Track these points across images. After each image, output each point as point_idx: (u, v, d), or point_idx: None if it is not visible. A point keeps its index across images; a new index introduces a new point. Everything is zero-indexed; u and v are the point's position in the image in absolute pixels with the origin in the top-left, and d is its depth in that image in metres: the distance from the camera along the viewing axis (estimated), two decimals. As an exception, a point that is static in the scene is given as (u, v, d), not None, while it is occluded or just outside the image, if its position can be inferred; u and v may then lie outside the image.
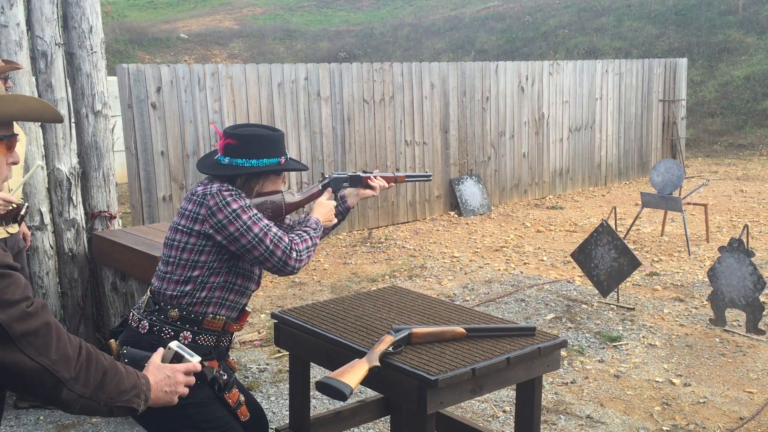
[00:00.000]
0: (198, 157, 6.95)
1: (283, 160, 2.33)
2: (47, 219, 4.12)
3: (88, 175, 4.24)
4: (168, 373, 1.72)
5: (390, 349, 2.29)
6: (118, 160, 5.30)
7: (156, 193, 6.70)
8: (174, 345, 1.81)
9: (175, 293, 2.22)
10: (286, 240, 2.22)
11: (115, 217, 4.34)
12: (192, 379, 1.77)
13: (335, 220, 2.54)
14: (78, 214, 4.20)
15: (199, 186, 2.26)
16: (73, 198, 4.15)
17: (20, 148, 3.60)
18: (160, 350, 1.80)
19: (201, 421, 2.16)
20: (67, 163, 4.12)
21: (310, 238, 2.32)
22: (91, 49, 4.13)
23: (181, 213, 2.25)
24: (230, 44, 21.86)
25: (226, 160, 2.28)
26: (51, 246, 4.16)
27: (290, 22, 24.77)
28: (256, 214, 2.21)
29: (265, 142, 2.29)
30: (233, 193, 2.20)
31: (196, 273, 2.21)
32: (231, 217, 2.16)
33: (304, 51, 21.68)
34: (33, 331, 1.44)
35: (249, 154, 2.26)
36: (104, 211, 4.28)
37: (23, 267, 3.79)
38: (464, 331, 2.43)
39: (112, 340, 2.28)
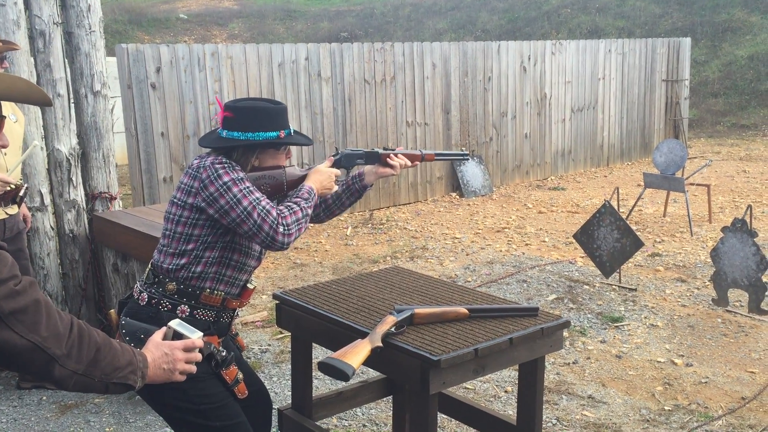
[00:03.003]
0: (198, 137, 6.92)
1: (282, 134, 2.29)
2: (47, 200, 4.10)
3: (88, 155, 4.21)
4: (166, 350, 1.72)
5: (392, 329, 2.28)
6: (118, 141, 5.27)
7: (156, 174, 6.68)
8: (174, 323, 1.80)
9: (171, 266, 2.21)
10: (274, 214, 2.15)
11: (115, 198, 4.32)
12: (195, 356, 1.77)
13: (335, 188, 2.41)
14: (78, 195, 4.18)
15: (195, 159, 2.24)
16: (73, 179, 4.13)
17: (19, 129, 3.56)
18: (163, 329, 1.80)
19: (195, 396, 2.15)
20: (67, 143, 4.09)
21: (301, 209, 2.22)
22: (90, 29, 4.08)
23: (178, 186, 2.25)
24: (230, 24, 21.72)
25: (224, 133, 2.26)
26: (52, 227, 4.15)
27: (290, 2, 24.59)
28: (247, 187, 2.16)
29: (262, 115, 2.25)
30: (226, 165, 2.17)
31: (190, 246, 2.20)
32: (222, 190, 2.13)
33: (304, 31, 21.54)
34: (21, 309, 1.44)
35: (245, 126, 2.22)
36: (104, 192, 4.26)
37: (23, 248, 3.74)
38: (467, 311, 2.42)
39: (112, 311, 2.31)
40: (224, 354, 2.24)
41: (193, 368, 1.76)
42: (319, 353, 4.22)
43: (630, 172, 10.30)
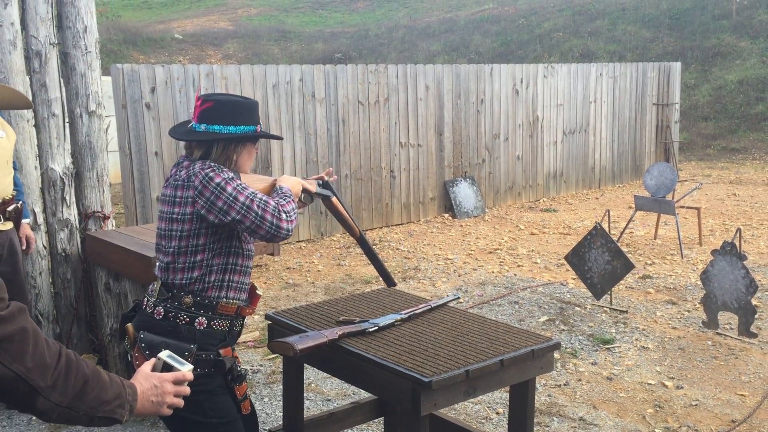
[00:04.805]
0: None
1: (258, 128, 2.31)
2: (40, 219, 4.10)
3: (81, 175, 4.22)
4: (155, 383, 1.65)
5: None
6: (111, 160, 5.28)
7: (150, 193, 6.69)
8: (164, 355, 1.75)
9: (184, 281, 2.22)
10: (273, 203, 2.18)
11: (108, 218, 4.32)
12: (184, 389, 1.70)
13: (299, 196, 2.46)
14: (71, 214, 4.19)
15: (181, 170, 2.24)
16: (67, 198, 4.14)
17: (7, 145, 3.50)
18: (152, 360, 1.74)
19: (209, 409, 2.18)
20: (61, 163, 4.10)
21: (292, 201, 2.27)
22: (86, 49, 4.12)
23: (170, 201, 2.24)
24: (225, 45, 21.85)
25: (202, 126, 2.26)
26: (44, 246, 4.15)
27: (285, 23, 24.78)
28: (240, 184, 2.18)
29: (242, 109, 2.26)
30: (214, 168, 2.19)
31: (198, 258, 2.21)
32: (217, 192, 2.14)
33: (299, 52, 21.69)
34: (7, 337, 1.38)
35: (226, 120, 2.24)
36: (98, 212, 4.27)
37: (18, 270, 3.65)
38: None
39: (129, 325, 2.28)
40: (240, 369, 2.27)
41: (182, 402, 1.69)
42: (310, 374, 4.22)
43: (621, 195, 10.36)
